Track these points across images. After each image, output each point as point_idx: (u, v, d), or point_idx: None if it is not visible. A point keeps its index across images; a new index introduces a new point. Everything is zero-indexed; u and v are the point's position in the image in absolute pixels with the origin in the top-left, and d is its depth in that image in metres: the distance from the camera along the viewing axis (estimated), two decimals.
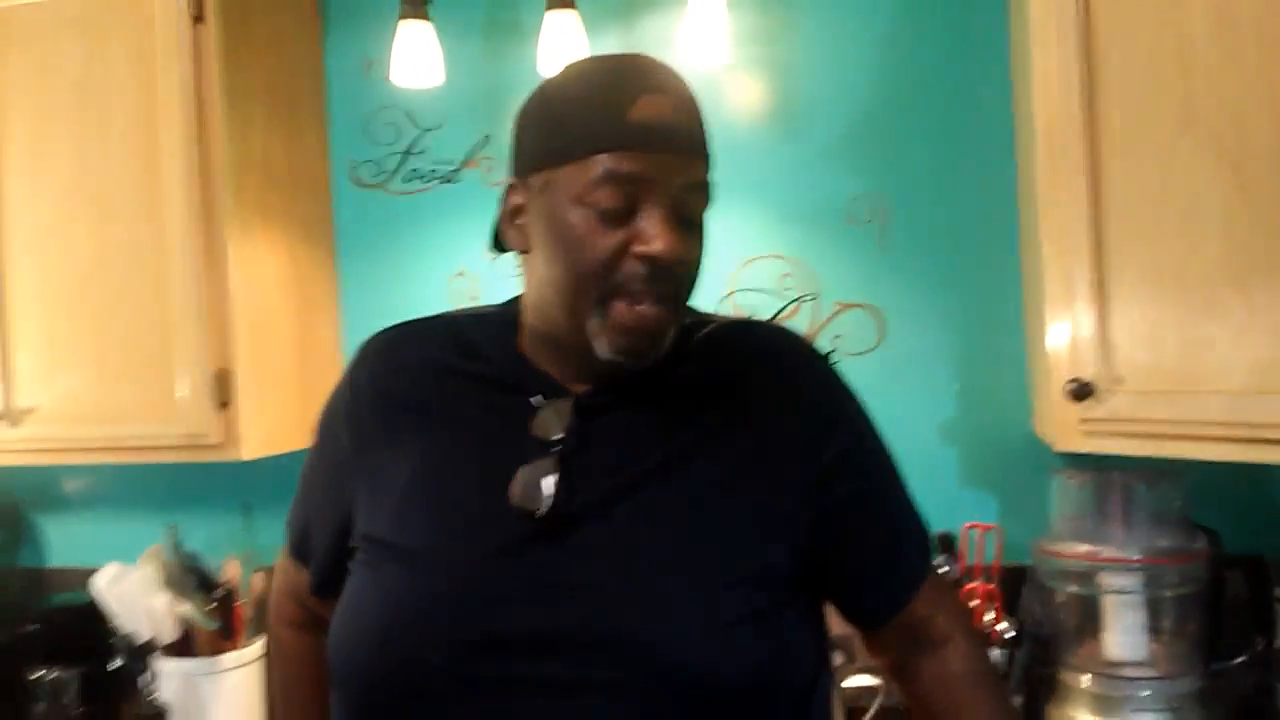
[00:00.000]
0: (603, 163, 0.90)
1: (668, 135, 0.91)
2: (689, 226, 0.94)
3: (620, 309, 0.92)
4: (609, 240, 0.91)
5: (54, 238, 1.83)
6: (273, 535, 2.08)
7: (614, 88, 0.91)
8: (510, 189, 0.99)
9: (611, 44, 1.94)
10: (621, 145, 0.90)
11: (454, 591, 0.92)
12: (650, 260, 0.90)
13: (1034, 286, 1.57)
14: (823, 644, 1.03)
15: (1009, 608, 1.72)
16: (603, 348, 0.93)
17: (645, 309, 0.92)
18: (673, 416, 0.98)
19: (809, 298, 1.91)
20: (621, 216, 0.91)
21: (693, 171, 0.93)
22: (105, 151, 1.80)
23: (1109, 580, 1.52)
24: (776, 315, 1.91)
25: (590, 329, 0.93)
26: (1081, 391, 1.32)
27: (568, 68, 0.98)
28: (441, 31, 1.91)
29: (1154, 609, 1.51)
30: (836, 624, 1.07)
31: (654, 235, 0.90)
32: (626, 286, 0.91)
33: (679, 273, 0.94)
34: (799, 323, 1.89)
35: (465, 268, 2.04)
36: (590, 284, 0.92)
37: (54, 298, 1.84)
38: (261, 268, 1.88)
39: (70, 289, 1.83)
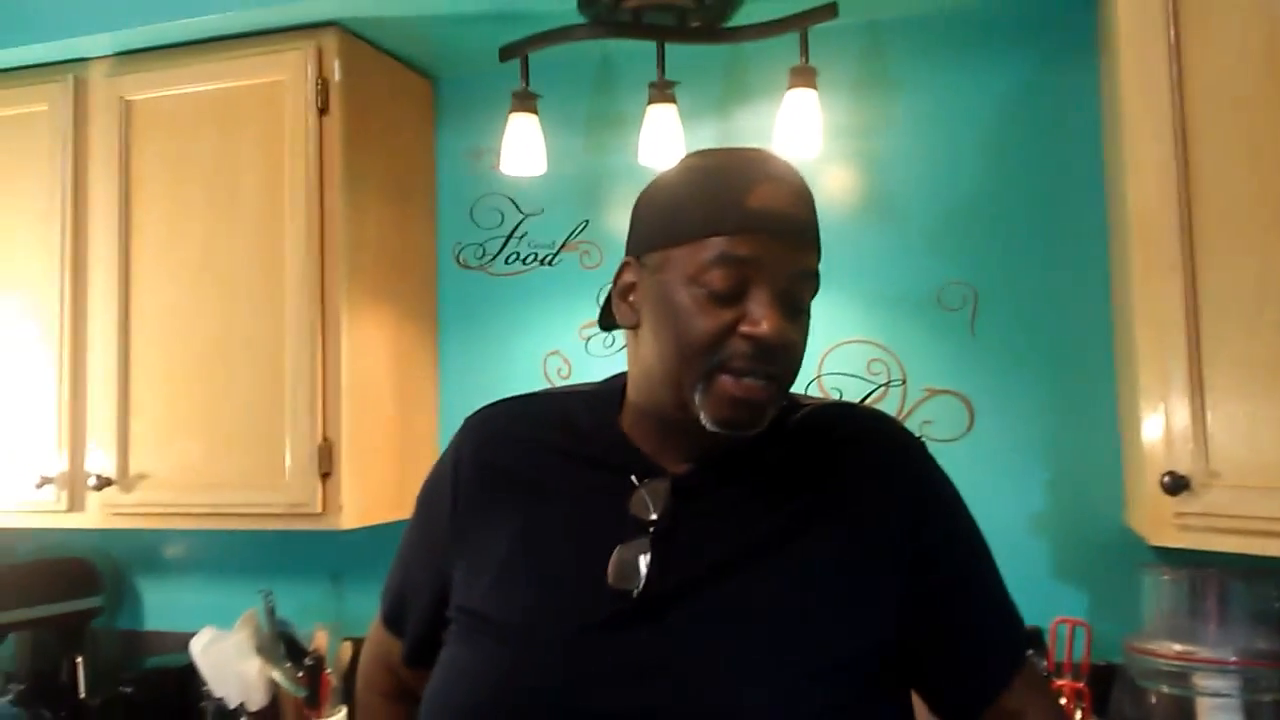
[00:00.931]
0: (718, 245, 0.93)
1: (782, 222, 0.94)
2: (795, 312, 0.97)
3: (725, 381, 0.94)
4: (717, 318, 0.93)
5: (181, 314, 1.94)
6: (361, 605, 2.14)
7: (733, 175, 0.95)
8: (624, 267, 1.03)
9: (708, 136, 2.01)
10: (737, 229, 0.93)
11: (548, 669, 0.94)
12: (755, 340, 0.93)
13: (1128, 377, 1.56)
14: None
15: (1099, 708, 1.67)
16: (707, 419, 0.95)
17: (750, 382, 0.94)
18: (768, 499, 0.99)
19: (896, 382, 1.92)
20: (732, 298, 0.93)
21: (803, 260, 0.97)
22: (233, 234, 1.92)
23: (1204, 682, 1.48)
24: (864, 399, 1.92)
25: (695, 401, 0.95)
26: (1176, 485, 1.29)
27: (688, 156, 1.02)
28: (547, 123, 1.99)
29: (1251, 713, 1.46)
30: (922, 717, 1.05)
31: (761, 317, 0.92)
32: (731, 363, 0.94)
33: (782, 355, 0.96)
34: (886, 407, 1.90)
35: (559, 347, 2.11)
36: (696, 357, 0.94)
37: (176, 370, 1.94)
38: (368, 344, 1.96)
39: (192, 362, 1.93)
